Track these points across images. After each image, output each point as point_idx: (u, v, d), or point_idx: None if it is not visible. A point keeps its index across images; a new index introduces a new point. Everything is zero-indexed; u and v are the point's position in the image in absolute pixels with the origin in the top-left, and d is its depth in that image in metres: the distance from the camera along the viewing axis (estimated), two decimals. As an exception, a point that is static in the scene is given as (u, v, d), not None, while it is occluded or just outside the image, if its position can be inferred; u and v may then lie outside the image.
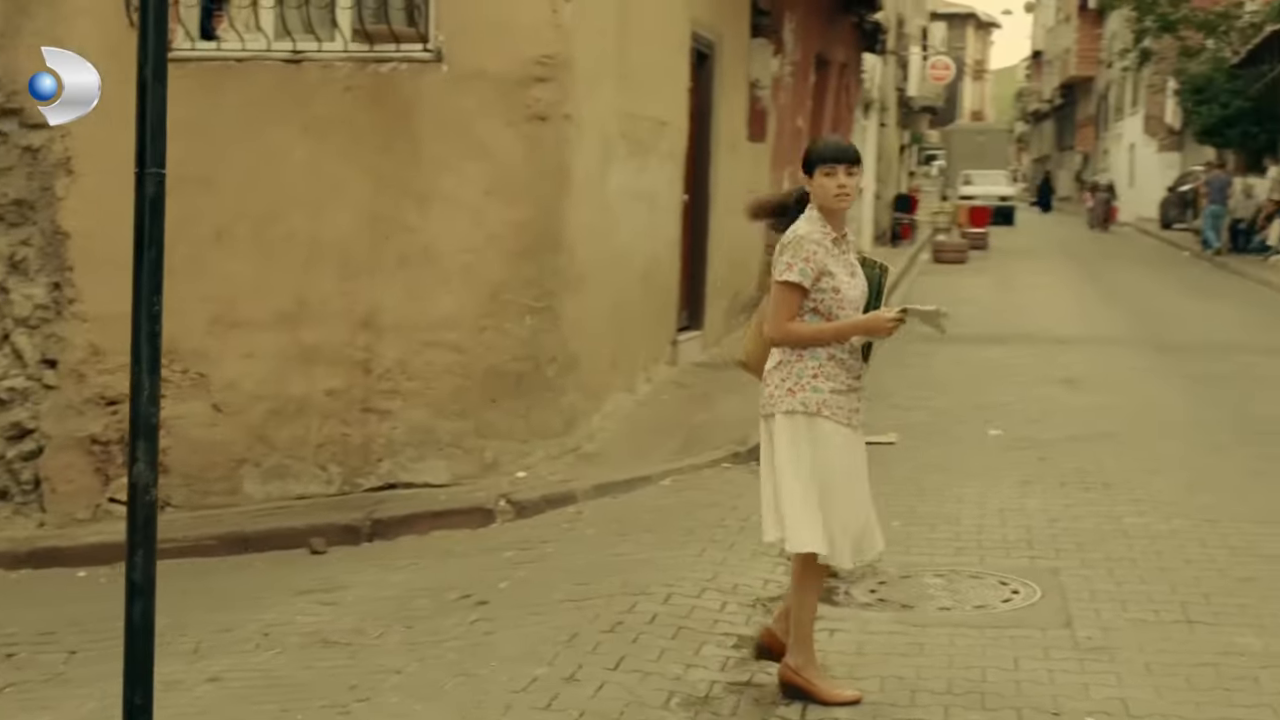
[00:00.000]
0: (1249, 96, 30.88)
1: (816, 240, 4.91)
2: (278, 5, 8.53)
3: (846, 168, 4.94)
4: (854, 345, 4.96)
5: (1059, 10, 73.42)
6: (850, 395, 4.96)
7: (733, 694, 5.16)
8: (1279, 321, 18.39)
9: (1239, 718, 4.86)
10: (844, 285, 4.93)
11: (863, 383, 5.04)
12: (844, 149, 5.08)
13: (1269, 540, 7.20)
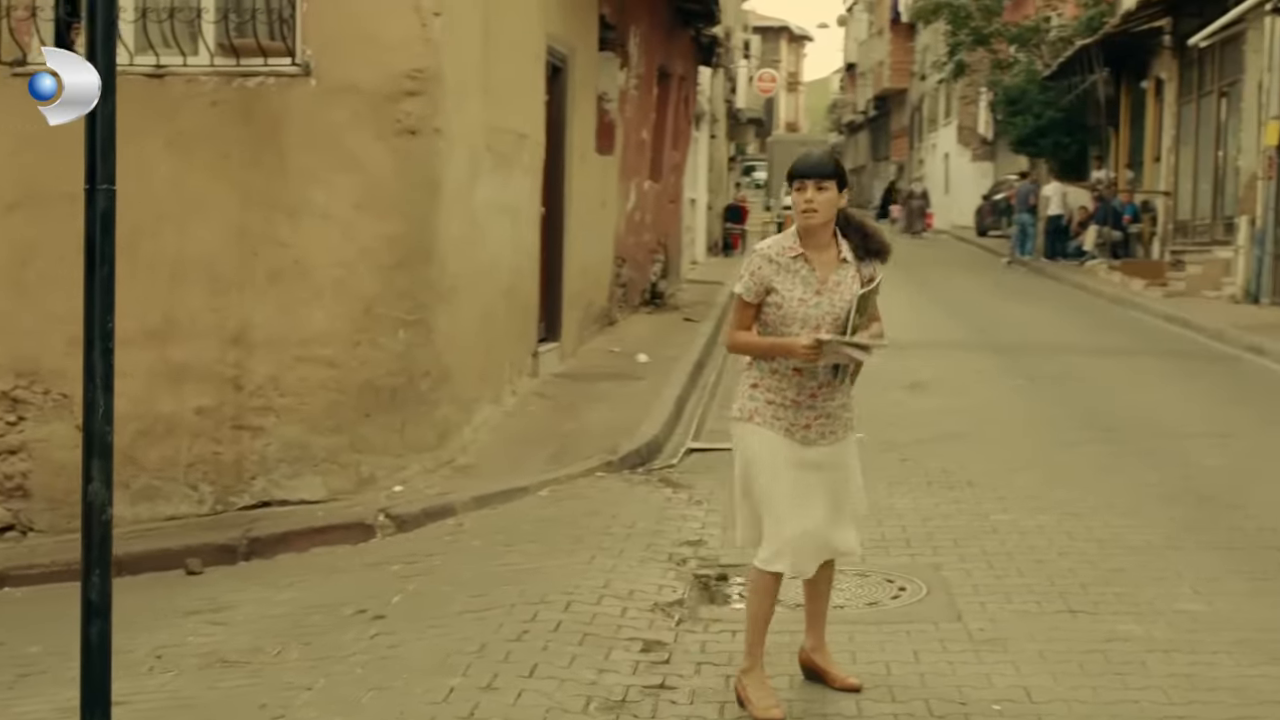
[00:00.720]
0: (1060, 107, 32.00)
1: (768, 256, 4.93)
2: (140, 19, 8.39)
3: (816, 182, 4.84)
4: (802, 363, 4.88)
5: (871, 24, 75.12)
6: (793, 410, 4.95)
7: (649, 697, 5.25)
8: (1100, 323, 19.14)
9: (1134, 699, 5.11)
10: (790, 302, 4.88)
11: (823, 402, 4.98)
12: (812, 164, 4.93)
13: (1130, 532, 7.54)
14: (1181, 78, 25.57)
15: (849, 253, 4.96)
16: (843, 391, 5.05)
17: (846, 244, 4.96)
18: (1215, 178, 23.75)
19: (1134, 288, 22.91)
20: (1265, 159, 19.88)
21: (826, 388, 4.99)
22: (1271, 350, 15.02)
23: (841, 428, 5.04)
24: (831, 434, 5.01)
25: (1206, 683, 5.25)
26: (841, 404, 5.05)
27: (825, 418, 4.99)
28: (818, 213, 4.84)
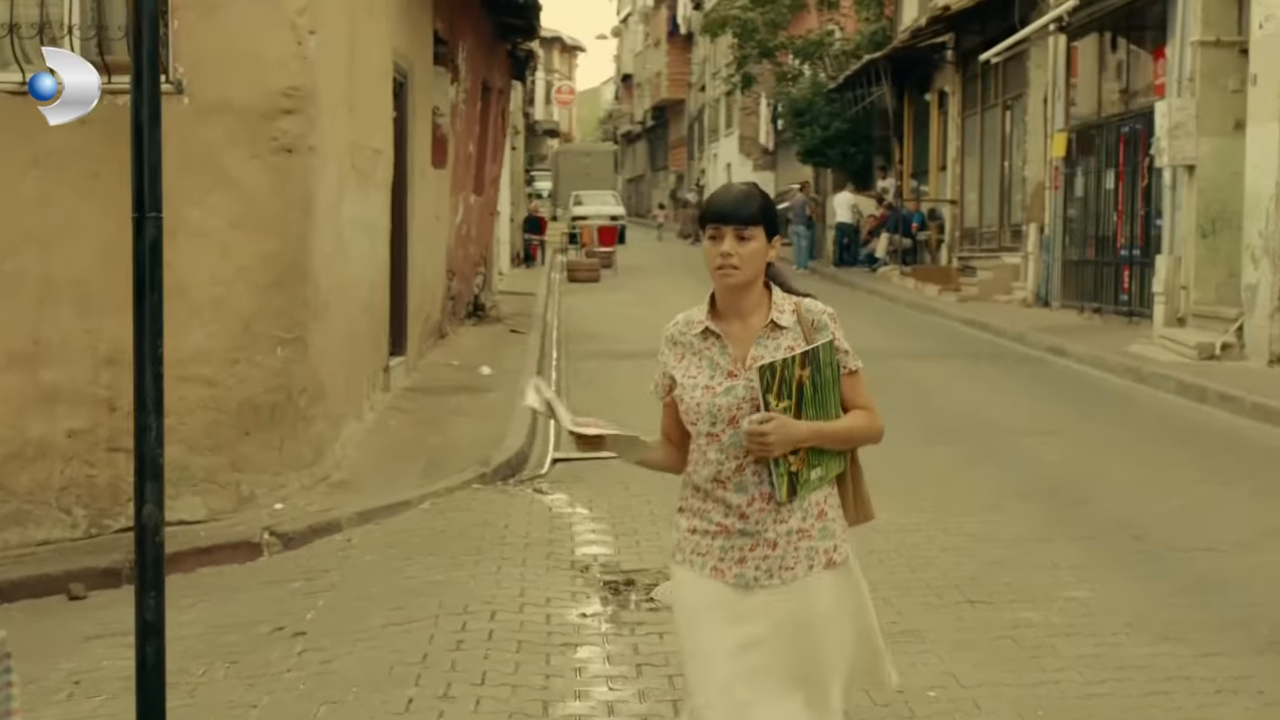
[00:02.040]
0: (846, 119, 33.04)
1: (671, 336, 3.71)
2: (10, 34, 8.23)
3: (737, 230, 3.50)
4: (728, 471, 3.53)
5: (647, 35, 76.20)
6: (721, 539, 3.55)
7: (600, 699, 5.43)
8: (905, 328, 19.91)
9: (1054, 680, 5.49)
10: (692, 393, 3.57)
11: (763, 525, 3.52)
12: (732, 204, 3.56)
13: (999, 527, 8.00)
14: (965, 91, 26.71)
15: (788, 316, 3.58)
16: (804, 508, 3.55)
17: (788, 303, 3.61)
18: (1001, 187, 24.89)
19: (928, 293, 23.85)
20: (1053, 169, 20.94)
21: (763, 504, 3.53)
22: (1072, 352, 15.88)
23: (802, 561, 3.53)
24: (785, 571, 3.52)
25: (1114, 662, 5.67)
26: (798, 528, 3.53)
27: (769, 548, 3.53)
28: (738, 270, 3.51)
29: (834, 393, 3.55)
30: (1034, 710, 5.18)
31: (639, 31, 79.90)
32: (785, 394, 3.42)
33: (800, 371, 3.45)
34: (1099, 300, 19.20)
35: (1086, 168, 20.10)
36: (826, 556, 3.56)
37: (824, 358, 3.50)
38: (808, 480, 3.52)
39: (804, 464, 3.50)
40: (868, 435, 3.69)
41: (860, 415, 3.63)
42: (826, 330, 3.55)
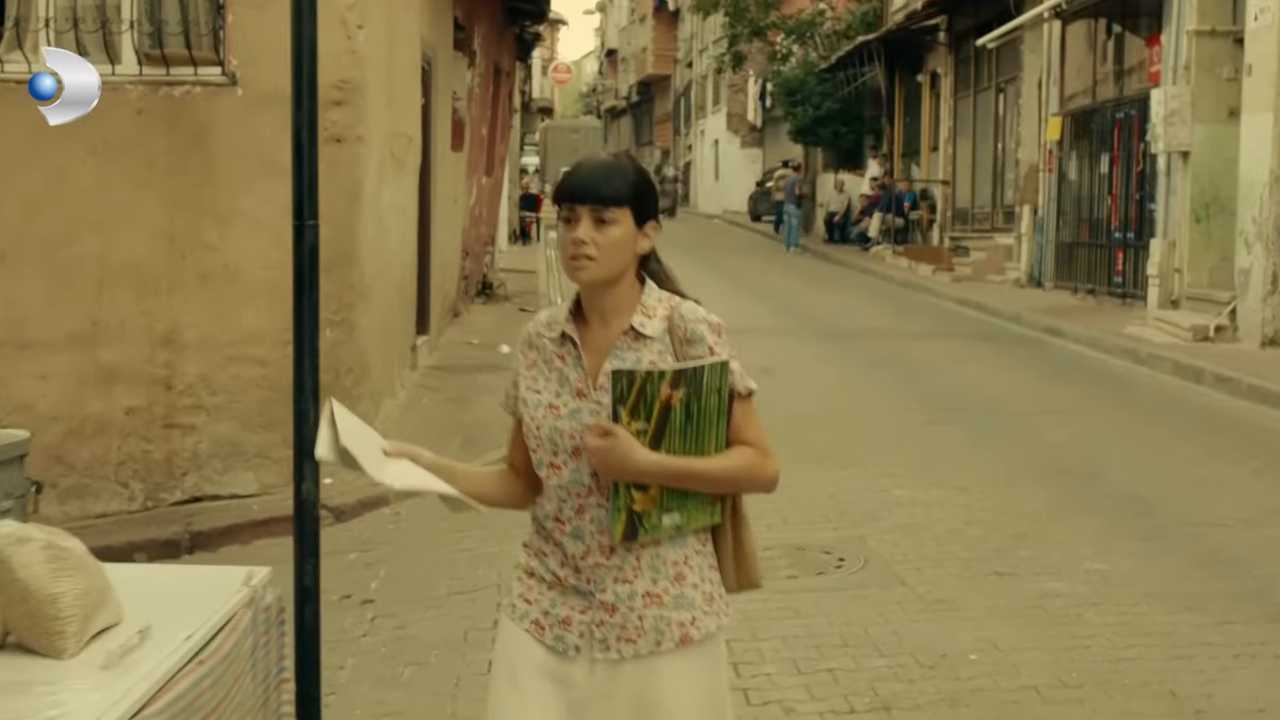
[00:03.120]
0: (838, 99, 33.42)
1: (528, 339, 3.04)
2: (72, 29, 8.57)
3: (594, 210, 2.82)
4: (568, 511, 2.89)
5: (633, 10, 76.33)
6: (554, 591, 2.92)
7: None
8: (901, 307, 20.35)
9: (1085, 645, 5.92)
10: (534, 411, 2.93)
11: (599, 583, 2.86)
12: (593, 181, 2.85)
13: (1016, 502, 8.43)
14: (958, 72, 27.11)
15: (657, 322, 2.88)
16: (655, 567, 2.86)
17: (662, 306, 2.90)
18: (994, 168, 25.32)
19: (922, 272, 24.29)
20: (1046, 152, 21.37)
21: (601, 558, 2.87)
22: (1069, 332, 16.33)
23: (648, 634, 2.84)
24: (626, 644, 2.85)
25: (1139, 630, 6.11)
26: (645, 592, 2.85)
27: (606, 613, 2.86)
28: (593, 262, 2.81)
29: (716, 428, 2.81)
30: (1069, 672, 5.61)
31: (624, 6, 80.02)
32: (643, 415, 2.71)
33: (670, 391, 2.73)
34: (1092, 282, 19.64)
35: (1081, 151, 20.53)
36: (681, 631, 2.83)
37: (709, 380, 2.76)
38: (656, 526, 2.80)
39: (654, 505, 2.79)
40: (752, 481, 2.93)
41: (745, 454, 2.87)
42: (702, 343, 2.83)
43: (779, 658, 5.82)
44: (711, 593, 2.92)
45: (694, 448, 2.79)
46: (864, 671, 5.67)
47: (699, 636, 2.86)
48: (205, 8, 8.88)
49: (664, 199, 48.48)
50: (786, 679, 5.59)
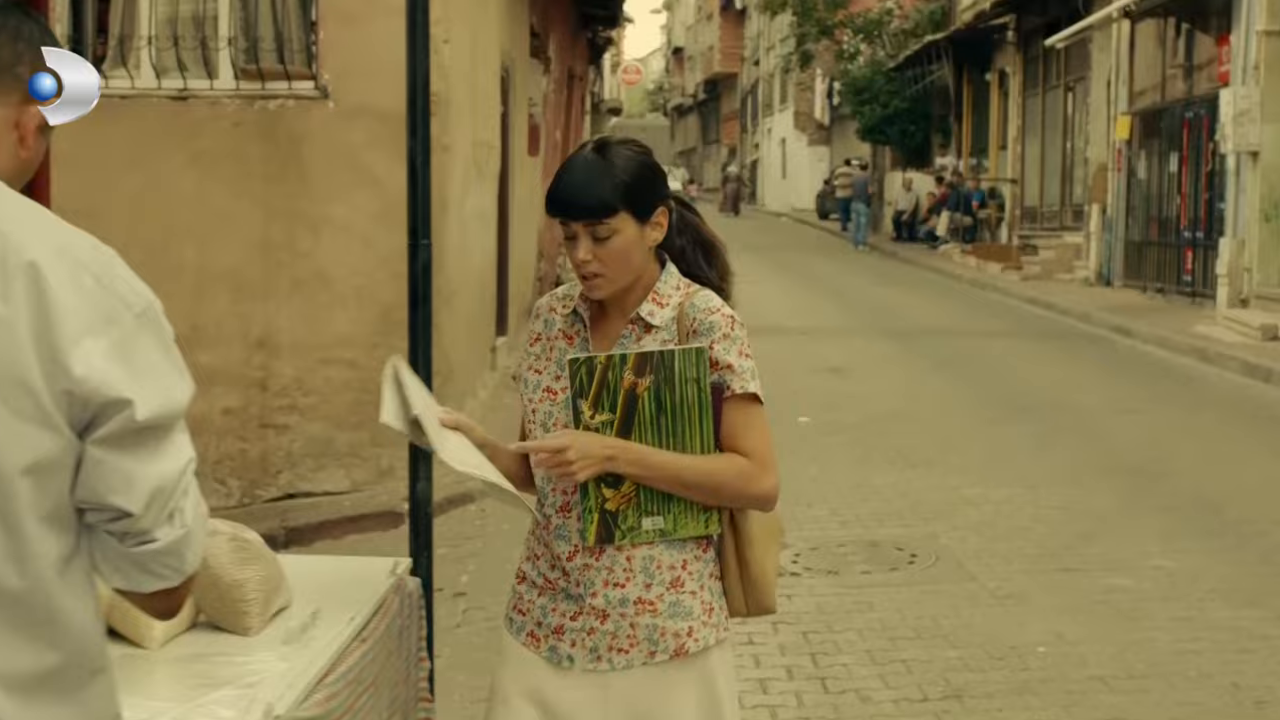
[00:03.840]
0: (905, 97, 33.56)
1: (539, 312, 2.91)
2: (173, 46, 8.97)
3: (589, 226, 2.65)
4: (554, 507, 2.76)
5: (700, 8, 76.63)
6: (546, 597, 2.77)
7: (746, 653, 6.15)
8: (970, 306, 20.51)
9: (1150, 639, 6.16)
10: (533, 393, 2.83)
11: (588, 586, 2.70)
12: (578, 192, 2.67)
13: (1085, 500, 8.64)
14: (1026, 71, 27.18)
15: (668, 311, 2.72)
16: (649, 570, 2.69)
17: (678, 294, 2.75)
18: (1063, 167, 25.39)
19: (990, 271, 24.40)
20: (1115, 151, 21.45)
21: (589, 558, 2.70)
22: (1138, 331, 16.46)
23: (641, 644, 2.68)
24: (617, 653, 2.68)
25: (1203, 625, 6.33)
26: (637, 598, 2.68)
27: (597, 619, 2.70)
28: (605, 277, 2.69)
29: (698, 423, 2.62)
30: (1134, 664, 5.85)
31: (690, 4, 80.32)
32: (606, 405, 2.59)
33: (634, 378, 2.59)
34: (1161, 280, 19.72)
35: (1150, 150, 20.61)
36: (677, 642, 2.64)
37: (681, 369, 2.59)
38: (634, 529, 2.63)
39: (630, 504, 2.62)
40: (736, 493, 2.66)
41: (732, 461, 2.64)
42: (712, 335, 2.65)
43: (855, 649, 6.09)
44: (712, 603, 2.70)
45: (671, 444, 2.60)
46: (936, 662, 5.93)
47: (696, 649, 2.65)
48: (298, 24, 9.25)
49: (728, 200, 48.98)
50: (862, 669, 5.86)
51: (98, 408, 1.67)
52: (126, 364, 1.71)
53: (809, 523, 8.25)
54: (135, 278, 1.83)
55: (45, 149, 1.94)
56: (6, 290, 1.63)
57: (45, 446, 1.65)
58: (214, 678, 2.12)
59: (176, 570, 1.78)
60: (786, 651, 6.11)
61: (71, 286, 1.68)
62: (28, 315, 1.64)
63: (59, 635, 1.69)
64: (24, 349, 1.63)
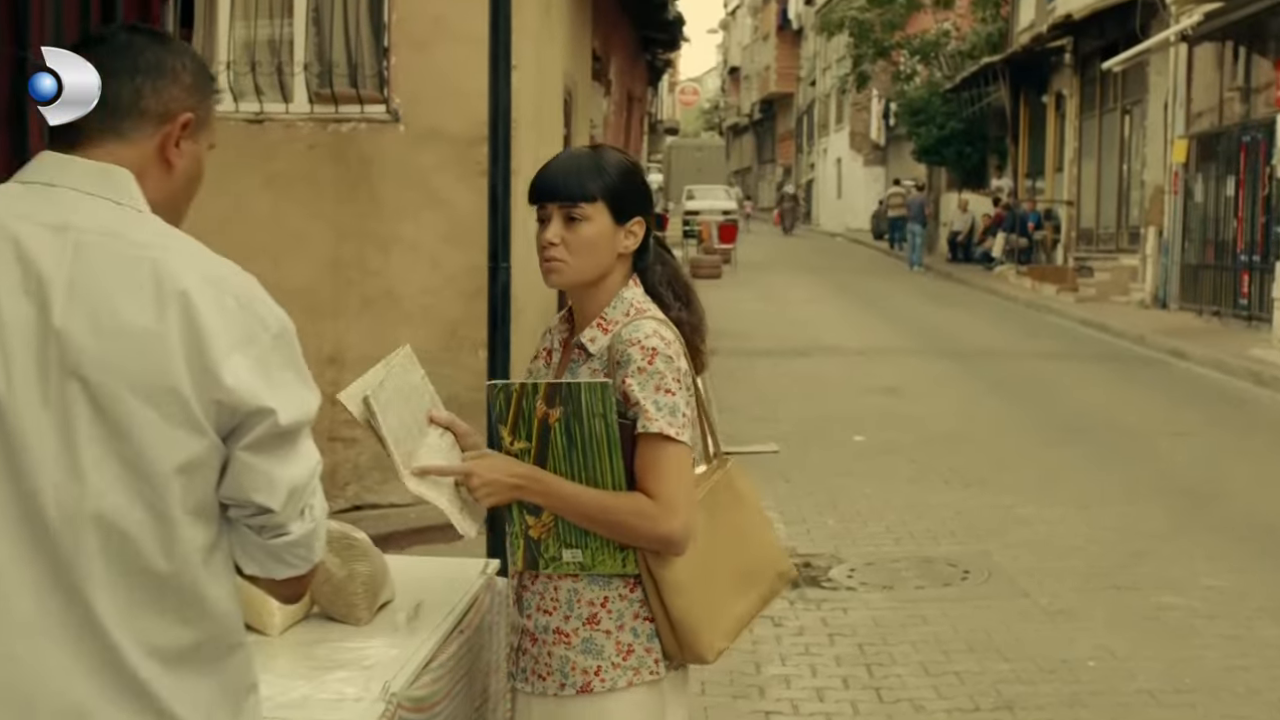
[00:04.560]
0: (962, 119, 33.66)
1: (548, 334, 2.92)
2: (250, 71, 9.28)
3: (563, 209, 2.66)
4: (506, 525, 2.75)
5: (756, 29, 76.90)
6: (515, 613, 2.77)
7: (803, 662, 6.34)
8: (1025, 327, 20.59)
9: (1199, 656, 6.31)
10: None
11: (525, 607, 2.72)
12: (562, 176, 2.69)
13: (1137, 521, 8.78)
14: (1083, 94, 27.25)
15: (604, 338, 2.67)
16: (570, 602, 2.66)
17: (624, 320, 2.67)
18: (1119, 189, 25.44)
19: (1046, 293, 24.47)
20: (1172, 174, 21.50)
21: (525, 580, 2.72)
22: (1193, 354, 16.52)
23: (555, 674, 2.65)
24: (539, 680, 2.67)
25: (1252, 643, 6.47)
26: (555, 628, 2.66)
27: (529, 641, 2.70)
28: (565, 265, 2.68)
29: (607, 458, 2.57)
30: (1182, 678, 6.00)
31: (747, 24, 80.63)
32: (523, 433, 2.61)
33: (545, 409, 2.58)
34: (1218, 304, 19.75)
35: (1207, 174, 20.65)
36: (584, 679, 2.60)
37: (587, 403, 2.55)
38: (555, 559, 2.62)
39: (550, 534, 2.62)
40: (634, 531, 2.59)
41: (631, 499, 2.58)
42: (628, 367, 2.57)
43: (909, 660, 6.27)
44: (632, 645, 2.61)
45: (583, 478, 2.58)
46: (988, 674, 6.10)
47: (601, 689, 2.59)
48: (371, 50, 9.54)
49: (787, 218, 49.34)
50: (916, 679, 6.04)
51: (244, 415, 1.87)
52: (266, 377, 1.91)
53: (864, 539, 8.43)
54: (272, 301, 2.05)
55: (199, 173, 2.13)
56: (161, 312, 1.84)
57: (194, 448, 1.85)
58: (333, 660, 2.36)
59: (305, 559, 1.99)
60: (842, 662, 6.30)
61: (217, 309, 1.89)
62: (179, 334, 1.84)
63: (201, 614, 1.90)
64: (176, 362, 1.83)
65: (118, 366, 1.82)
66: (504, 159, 4.58)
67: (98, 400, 1.82)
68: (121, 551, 1.83)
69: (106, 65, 1.97)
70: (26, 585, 1.81)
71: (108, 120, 1.96)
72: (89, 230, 1.88)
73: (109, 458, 1.82)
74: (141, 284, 1.85)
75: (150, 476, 1.83)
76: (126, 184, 1.96)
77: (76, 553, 1.81)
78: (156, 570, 1.85)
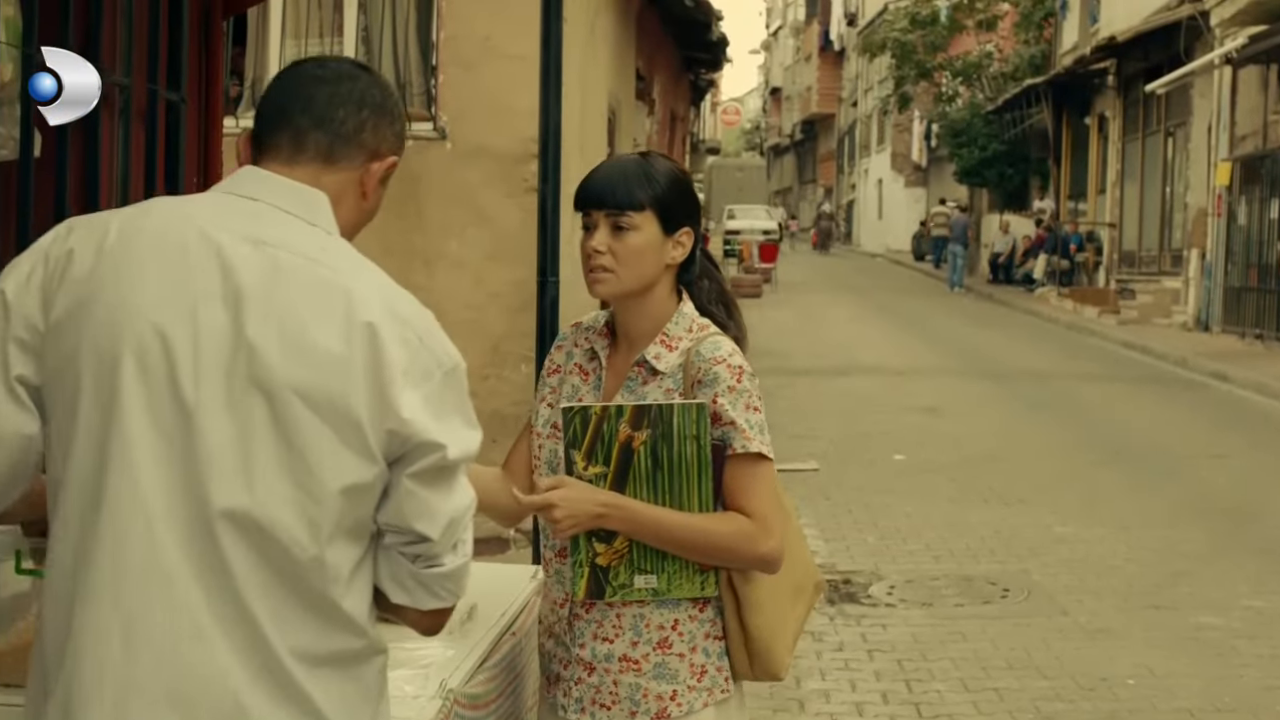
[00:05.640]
0: (1004, 140, 33.65)
1: (564, 346, 2.85)
2: (301, 89, 9.43)
3: (611, 216, 2.60)
4: (552, 551, 2.70)
5: (798, 49, 77.00)
6: (552, 643, 2.71)
7: (843, 677, 6.39)
8: (1066, 349, 20.56)
9: (1238, 675, 6.33)
10: (542, 428, 2.75)
11: (578, 638, 2.63)
12: (611, 183, 2.63)
13: (1178, 542, 8.79)
14: (1126, 115, 27.20)
15: (674, 356, 2.63)
16: (638, 628, 2.60)
17: (689, 337, 2.65)
18: (1162, 212, 25.37)
19: (1087, 314, 24.41)
20: (1215, 197, 21.44)
21: (577, 608, 2.64)
22: (1235, 377, 16.47)
23: (623, 702, 2.59)
24: (601, 709, 2.61)
25: (1292, 662, 6.50)
26: (622, 655, 2.60)
27: (584, 671, 2.63)
28: (611, 274, 2.61)
29: (696, 480, 2.52)
30: (1221, 697, 6.02)
31: (789, 45, 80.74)
32: (600, 457, 2.50)
33: (630, 431, 2.50)
34: (1260, 326, 19.68)
35: (1250, 196, 20.59)
36: (659, 705, 2.56)
37: (680, 425, 2.50)
38: (625, 586, 2.54)
39: (622, 561, 2.54)
40: (735, 554, 2.56)
41: (732, 521, 2.54)
42: (715, 387, 2.55)
43: (948, 676, 6.32)
44: (705, 665, 2.58)
45: (667, 500, 2.51)
46: (1027, 691, 6.13)
47: (679, 714, 2.55)
48: (419, 69, 9.68)
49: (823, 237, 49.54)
50: (955, 695, 6.08)
51: (413, 446, 1.91)
52: (436, 413, 1.93)
53: (903, 557, 8.47)
54: (447, 339, 2.07)
55: (378, 208, 2.23)
56: (348, 339, 1.89)
57: (362, 473, 1.90)
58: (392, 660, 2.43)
59: (453, 593, 2.04)
60: (882, 678, 6.35)
61: (400, 343, 1.92)
62: (363, 362, 1.89)
63: (344, 625, 1.95)
64: (357, 388, 1.88)
65: (302, 384, 1.87)
66: (554, 174, 4.66)
67: (277, 414, 1.87)
68: (277, 560, 1.88)
69: (336, 90, 2.05)
70: (194, 585, 1.86)
71: (325, 141, 2.03)
72: (287, 249, 1.93)
73: (280, 471, 1.87)
74: (333, 309, 1.90)
75: (316, 494, 1.88)
76: (323, 207, 2.02)
77: (237, 557, 1.87)
78: (308, 582, 1.90)
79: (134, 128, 3.57)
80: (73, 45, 2.98)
